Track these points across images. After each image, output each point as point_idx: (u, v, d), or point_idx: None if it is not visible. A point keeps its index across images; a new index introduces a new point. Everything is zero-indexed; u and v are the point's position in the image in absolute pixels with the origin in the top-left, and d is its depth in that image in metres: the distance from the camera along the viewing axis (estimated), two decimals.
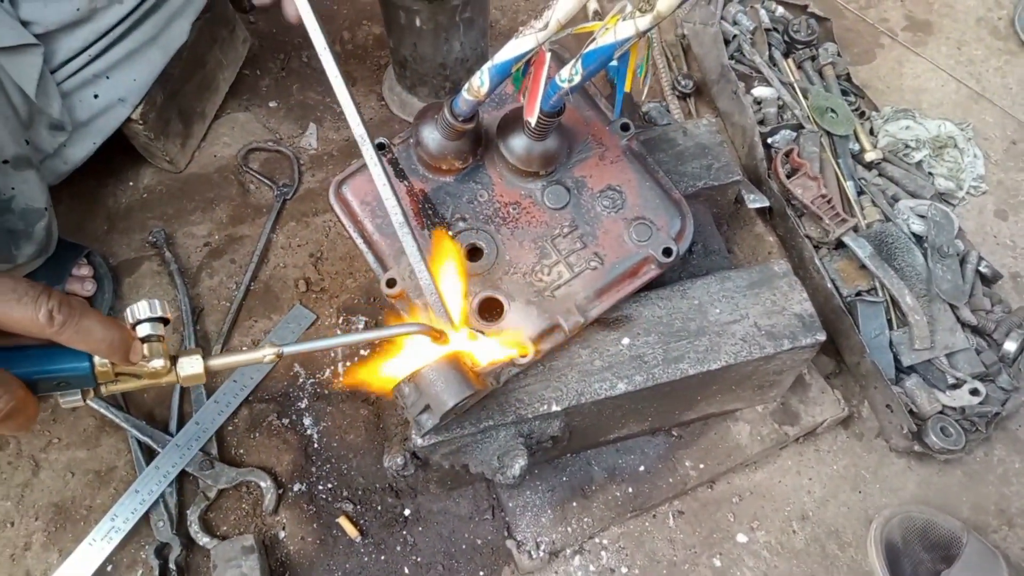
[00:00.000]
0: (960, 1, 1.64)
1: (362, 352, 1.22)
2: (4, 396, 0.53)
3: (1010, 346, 1.16)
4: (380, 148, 0.94)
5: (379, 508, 1.12)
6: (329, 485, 1.13)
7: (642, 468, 1.10)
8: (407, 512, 1.11)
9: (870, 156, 1.32)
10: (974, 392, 1.12)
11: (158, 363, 0.61)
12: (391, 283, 0.89)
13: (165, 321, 0.62)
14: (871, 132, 1.38)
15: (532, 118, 0.81)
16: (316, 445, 1.15)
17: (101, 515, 1.07)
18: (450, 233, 0.90)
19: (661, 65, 1.45)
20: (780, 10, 1.47)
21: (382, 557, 1.08)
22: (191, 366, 0.63)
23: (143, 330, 0.61)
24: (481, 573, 1.07)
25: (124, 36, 1.12)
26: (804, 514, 1.12)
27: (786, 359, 0.96)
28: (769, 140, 1.31)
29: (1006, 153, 1.46)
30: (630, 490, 1.09)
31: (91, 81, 1.12)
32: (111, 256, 1.29)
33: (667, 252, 0.89)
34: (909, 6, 1.64)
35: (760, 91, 1.35)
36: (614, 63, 0.74)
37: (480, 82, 0.78)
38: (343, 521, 1.10)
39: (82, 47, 1.09)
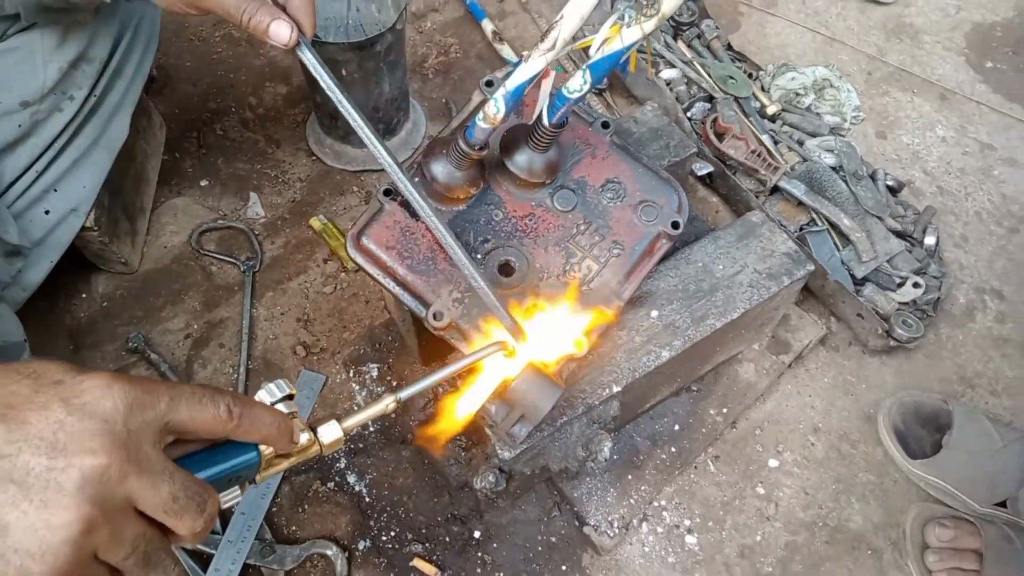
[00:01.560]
0: None
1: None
2: (211, 501, 0.53)
3: (930, 240, 1.36)
4: (388, 194, 0.97)
5: (447, 539, 1.14)
6: (392, 533, 1.13)
7: (677, 427, 1.19)
8: (477, 534, 1.14)
9: (771, 109, 1.49)
10: (916, 285, 1.31)
11: (304, 437, 0.62)
12: (438, 316, 0.92)
13: (291, 396, 0.64)
14: (763, 89, 1.56)
15: (535, 117, 0.87)
16: (368, 499, 1.15)
17: None
18: (478, 256, 0.95)
19: (570, 68, 1.56)
20: None
21: None
22: (331, 433, 0.65)
23: (281, 410, 0.62)
24: (563, 567, 1.12)
25: (68, 144, 1.07)
26: (815, 427, 1.26)
27: (784, 294, 1.09)
28: (688, 114, 1.45)
29: (867, 83, 1.69)
30: (673, 449, 1.18)
31: (40, 197, 1.07)
32: None
33: (675, 225, 0.98)
34: None
35: (667, 73, 1.49)
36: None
37: (496, 109, 0.84)
38: (418, 563, 1.11)
39: (28, 164, 1.04)
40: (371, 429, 1.20)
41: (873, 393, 1.30)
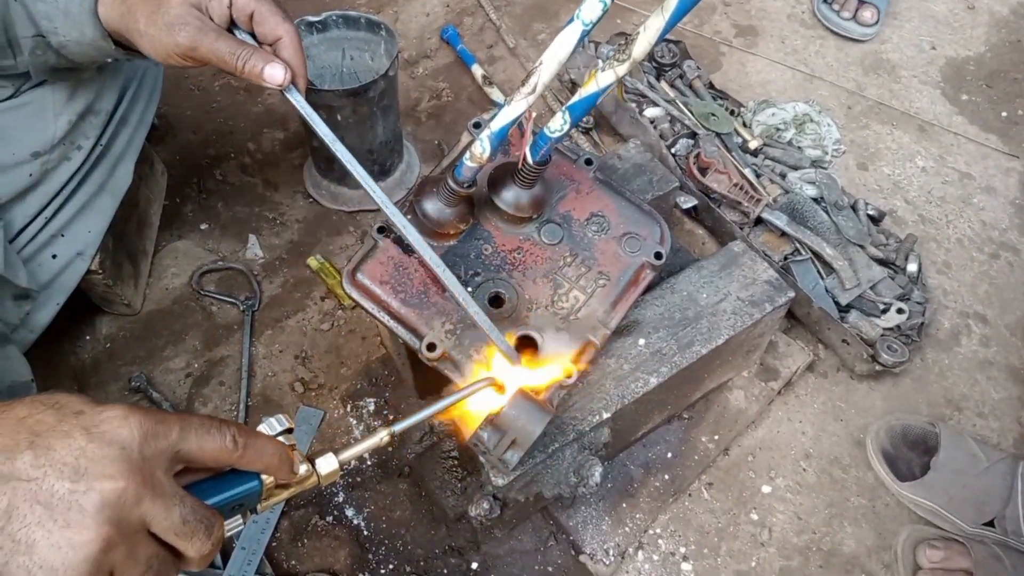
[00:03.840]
0: (770, 4, 1.95)
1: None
2: (218, 526, 0.56)
3: (912, 267, 1.40)
4: (381, 231, 1.01)
5: (445, 571, 1.15)
6: (391, 566, 1.15)
7: (670, 455, 1.21)
8: (475, 565, 1.15)
9: (753, 144, 1.54)
10: (900, 311, 1.34)
11: (303, 469, 0.65)
12: (431, 347, 0.95)
13: (290, 431, 0.67)
14: (744, 125, 1.61)
15: (524, 159, 0.91)
16: (366, 532, 1.17)
17: None
18: (469, 289, 0.99)
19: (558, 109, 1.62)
20: None
21: None
22: (328, 464, 0.67)
23: (281, 441, 0.65)
24: None
25: (76, 191, 1.12)
26: (806, 453, 1.28)
27: (767, 321, 1.12)
28: (672, 150, 1.50)
29: (847, 117, 1.75)
30: (666, 477, 1.20)
31: (48, 242, 1.11)
32: None
33: (658, 256, 1.02)
34: (733, 16, 1.93)
35: (651, 112, 1.55)
36: None
37: (482, 148, 0.88)
38: None
39: (37, 210, 1.08)
40: (368, 463, 1.22)
41: (862, 418, 1.32)
